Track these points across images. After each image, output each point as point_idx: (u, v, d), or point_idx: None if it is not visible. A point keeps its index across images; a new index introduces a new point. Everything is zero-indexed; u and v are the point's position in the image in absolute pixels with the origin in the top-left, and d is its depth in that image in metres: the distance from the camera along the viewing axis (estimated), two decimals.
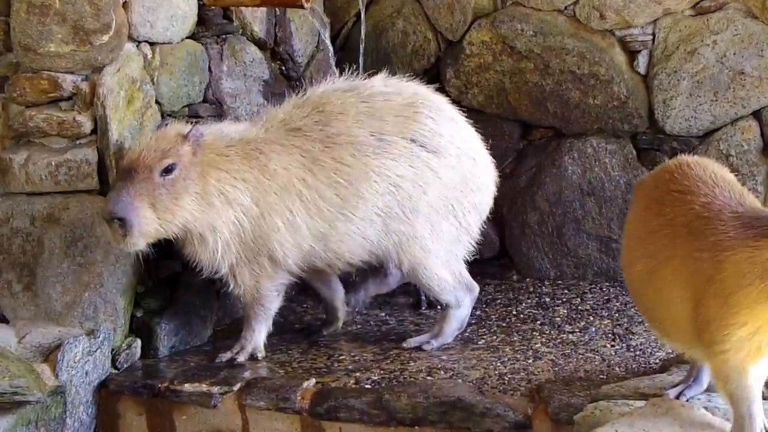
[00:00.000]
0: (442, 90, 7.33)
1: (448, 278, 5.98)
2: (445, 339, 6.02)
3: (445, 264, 5.96)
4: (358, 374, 5.61)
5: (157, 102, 6.05)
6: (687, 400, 4.44)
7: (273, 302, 5.84)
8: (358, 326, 6.38)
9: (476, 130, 6.07)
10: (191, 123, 5.76)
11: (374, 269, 6.36)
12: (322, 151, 5.71)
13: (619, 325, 6.20)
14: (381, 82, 5.98)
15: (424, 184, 5.81)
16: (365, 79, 6.08)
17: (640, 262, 4.40)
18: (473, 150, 6.04)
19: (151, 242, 5.48)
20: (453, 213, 5.94)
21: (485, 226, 6.20)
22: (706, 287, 4.02)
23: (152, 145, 5.44)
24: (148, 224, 5.37)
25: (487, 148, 6.11)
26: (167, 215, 5.40)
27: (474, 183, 5.99)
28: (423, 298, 6.75)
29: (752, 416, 4.04)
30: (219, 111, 6.46)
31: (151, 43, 6.01)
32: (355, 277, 6.38)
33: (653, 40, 6.87)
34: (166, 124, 5.82)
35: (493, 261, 7.44)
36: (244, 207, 5.60)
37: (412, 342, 6.00)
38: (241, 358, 5.79)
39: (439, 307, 6.35)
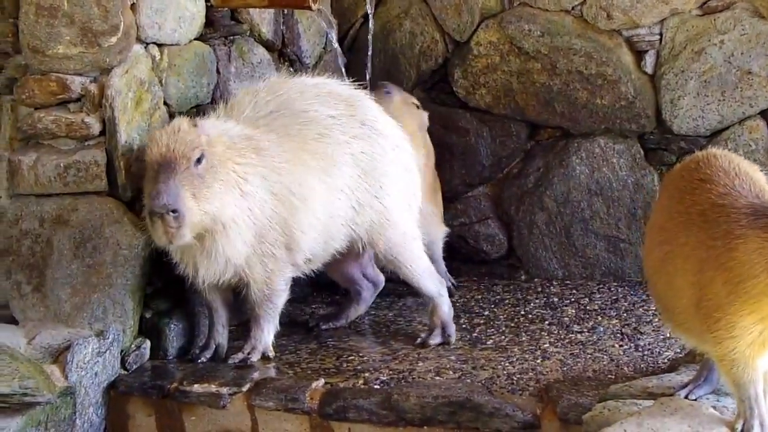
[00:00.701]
0: (450, 91, 7.38)
1: (427, 262, 6.14)
2: (451, 327, 6.12)
3: (421, 247, 6.13)
4: (366, 374, 5.62)
5: (165, 103, 6.06)
6: (696, 400, 4.44)
7: (281, 298, 5.85)
8: (367, 326, 6.39)
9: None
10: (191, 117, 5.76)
11: (348, 295, 6.50)
12: (300, 130, 5.84)
13: (627, 324, 6.20)
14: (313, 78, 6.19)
15: (383, 164, 5.99)
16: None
17: (657, 249, 4.42)
18: (405, 137, 6.26)
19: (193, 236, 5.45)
20: (413, 197, 6.20)
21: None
22: (716, 274, 4.05)
23: (179, 137, 5.37)
24: (193, 215, 5.30)
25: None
26: (206, 204, 5.35)
27: (414, 168, 6.22)
28: None
29: (758, 397, 4.10)
30: None
31: (159, 45, 6.02)
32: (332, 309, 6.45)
33: (660, 39, 6.87)
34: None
35: (501, 261, 7.45)
36: (260, 196, 5.62)
37: (431, 341, 6.07)
38: (254, 358, 5.79)
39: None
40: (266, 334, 5.85)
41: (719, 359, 4.16)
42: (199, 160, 5.35)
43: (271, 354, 5.85)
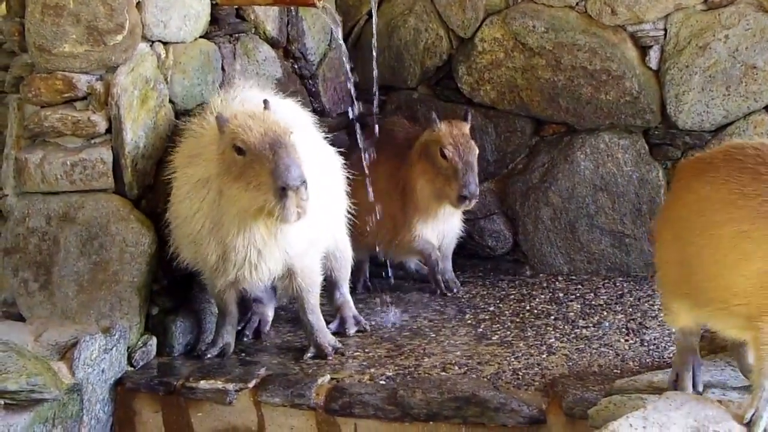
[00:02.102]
0: (454, 87, 7.39)
1: None
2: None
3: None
4: (372, 370, 5.63)
5: (170, 101, 6.08)
6: (702, 390, 4.47)
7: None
8: (372, 323, 6.39)
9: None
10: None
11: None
12: None
13: (632, 319, 6.21)
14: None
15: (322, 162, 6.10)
16: None
17: (700, 237, 4.46)
18: None
19: None
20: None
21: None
22: None
23: (270, 116, 5.40)
24: None
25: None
26: None
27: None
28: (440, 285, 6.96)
29: None
30: None
31: (165, 43, 6.04)
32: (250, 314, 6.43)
33: (665, 35, 6.87)
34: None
35: (507, 257, 7.46)
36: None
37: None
38: (329, 351, 5.89)
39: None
40: (323, 322, 6.02)
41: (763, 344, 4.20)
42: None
43: (339, 345, 5.98)
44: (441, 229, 6.95)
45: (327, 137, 6.35)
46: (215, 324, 6.06)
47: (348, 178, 6.35)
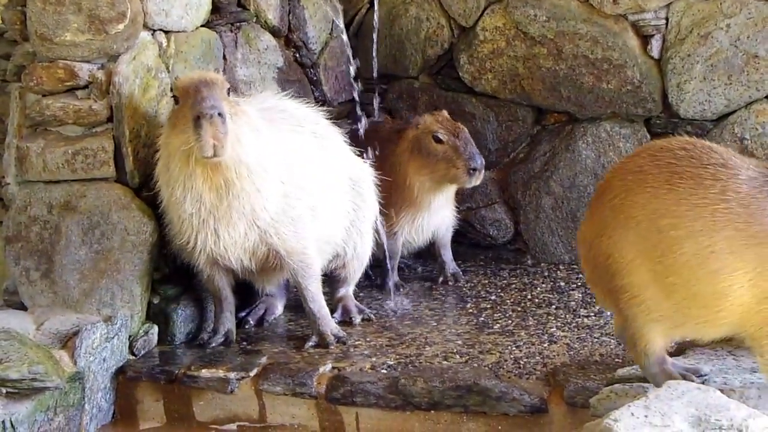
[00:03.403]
0: (456, 76, 7.38)
1: None
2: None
3: None
4: (374, 359, 5.64)
5: (171, 90, 6.07)
6: (704, 381, 4.47)
7: (317, 265, 6.05)
8: (373, 311, 6.40)
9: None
10: None
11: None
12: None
13: None
14: None
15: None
16: None
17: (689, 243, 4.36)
18: None
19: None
20: None
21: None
22: None
23: (211, 73, 5.63)
24: (231, 132, 5.36)
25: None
26: (237, 133, 5.47)
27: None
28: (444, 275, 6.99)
29: None
30: None
31: (166, 32, 6.03)
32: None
33: (666, 24, 6.85)
34: None
35: (508, 246, 7.46)
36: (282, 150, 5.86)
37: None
38: (332, 340, 5.87)
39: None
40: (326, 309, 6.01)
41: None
42: (229, 92, 5.46)
43: (342, 333, 5.96)
44: (434, 219, 6.92)
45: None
46: (214, 313, 6.05)
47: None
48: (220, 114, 5.20)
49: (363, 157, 6.52)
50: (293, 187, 5.74)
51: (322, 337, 5.87)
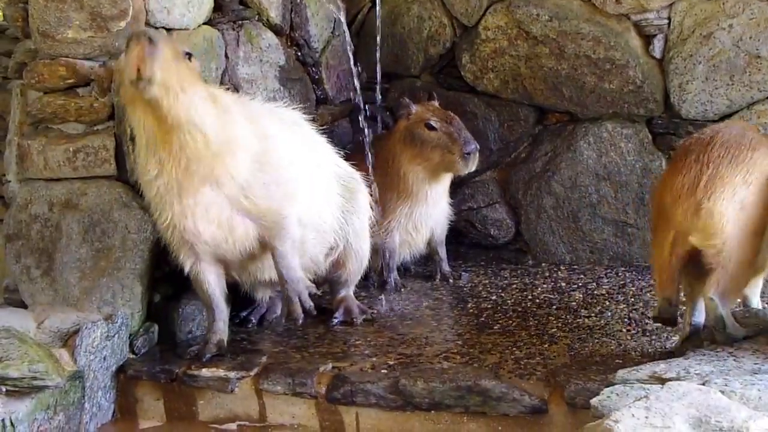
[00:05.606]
0: (458, 75, 7.38)
1: None
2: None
3: None
4: (374, 359, 5.63)
5: None
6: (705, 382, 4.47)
7: (295, 231, 5.84)
8: (374, 311, 6.39)
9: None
10: None
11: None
12: None
13: (635, 309, 6.21)
14: None
15: None
16: None
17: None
18: None
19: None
20: None
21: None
22: None
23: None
24: (167, 65, 5.08)
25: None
26: (183, 85, 5.22)
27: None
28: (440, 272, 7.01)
29: None
30: None
31: (168, 30, 6.02)
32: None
33: (669, 24, 6.86)
34: None
35: (509, 246, 7.47)
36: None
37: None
38: (298, 310, 5.67)
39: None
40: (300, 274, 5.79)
41: None
42: (188, 55, 5.22)
43: (310, 304, 5.73)
44: (432, 213, 6.89)
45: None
46: (207, 322, 5.87)
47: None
48: (151, 40, 4.88)
49: (365, 163, 6.48)
50: (266, 163, 5.49)
51: (290, 305, 5.67)
